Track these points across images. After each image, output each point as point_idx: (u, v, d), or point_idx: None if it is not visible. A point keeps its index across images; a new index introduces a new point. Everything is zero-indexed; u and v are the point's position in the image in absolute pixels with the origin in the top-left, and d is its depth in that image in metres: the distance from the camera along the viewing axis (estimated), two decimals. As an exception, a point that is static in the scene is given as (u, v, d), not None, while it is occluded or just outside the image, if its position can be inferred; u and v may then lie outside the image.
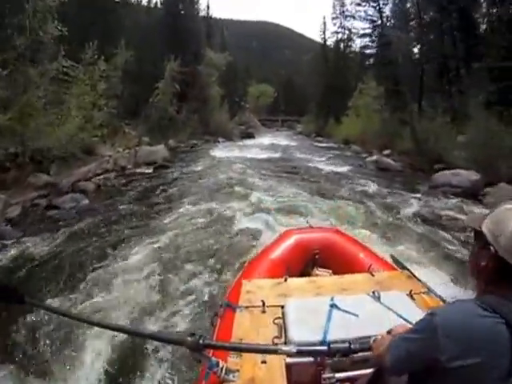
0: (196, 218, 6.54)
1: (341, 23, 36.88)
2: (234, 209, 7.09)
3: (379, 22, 25.57)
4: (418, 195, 9.30)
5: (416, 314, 1.51)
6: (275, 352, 1.46)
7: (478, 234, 0.97)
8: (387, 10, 25.63)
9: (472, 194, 9.56)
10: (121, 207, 7.51)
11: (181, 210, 7.15)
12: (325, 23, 40.27)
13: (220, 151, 18.25)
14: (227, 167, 12.78)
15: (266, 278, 2.48)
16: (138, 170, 11.93)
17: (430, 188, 10.19)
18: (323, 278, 2.56)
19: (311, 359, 1.54)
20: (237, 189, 8.97)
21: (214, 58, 27.75)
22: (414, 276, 2.41)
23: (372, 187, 10.01)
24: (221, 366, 1.49)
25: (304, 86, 64.33)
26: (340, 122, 35.03)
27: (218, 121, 28.87)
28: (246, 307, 2.06)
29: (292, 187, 9.58)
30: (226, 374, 1.49)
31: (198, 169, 12.80)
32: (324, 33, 40.29)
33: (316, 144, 29.21)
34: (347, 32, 36.52)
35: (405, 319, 1.62)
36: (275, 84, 64.45)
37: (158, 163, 12.81)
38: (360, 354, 1.37)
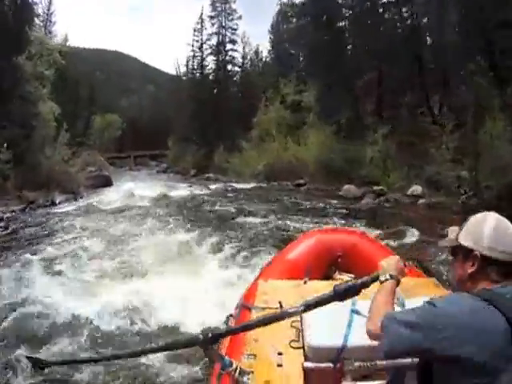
0: None
1: (221, 23, 29.31)
2: None
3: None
4: None
5: None
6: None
7: (457, 249, 1.08)
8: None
9: None
10: None
11: None
12: (202, 21, 31.39)
13: (55, 248, 6.68)
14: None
15: (285, 279, 2.41)
16: None
17: None
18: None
19: (331, 365, 1.50)
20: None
21: (50, 46, 15.42)
22: (442, 284, 2.33)
23: None
24: (234, 366, 1.42)
25: (159, 115, 54.18)
26: (238, 150, 26.32)
27: (52, 162, 16.20)
28: (263, 308, 2.00)
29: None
30: (239, 375, 1.43)
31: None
32: (201, 34, 31.50)
33: (237, 187, 18.03)
34: (229, 33, 29.16)
35: None
36: (121, 114, 52.30)
37: None
38: (385, 362, 1.37)
